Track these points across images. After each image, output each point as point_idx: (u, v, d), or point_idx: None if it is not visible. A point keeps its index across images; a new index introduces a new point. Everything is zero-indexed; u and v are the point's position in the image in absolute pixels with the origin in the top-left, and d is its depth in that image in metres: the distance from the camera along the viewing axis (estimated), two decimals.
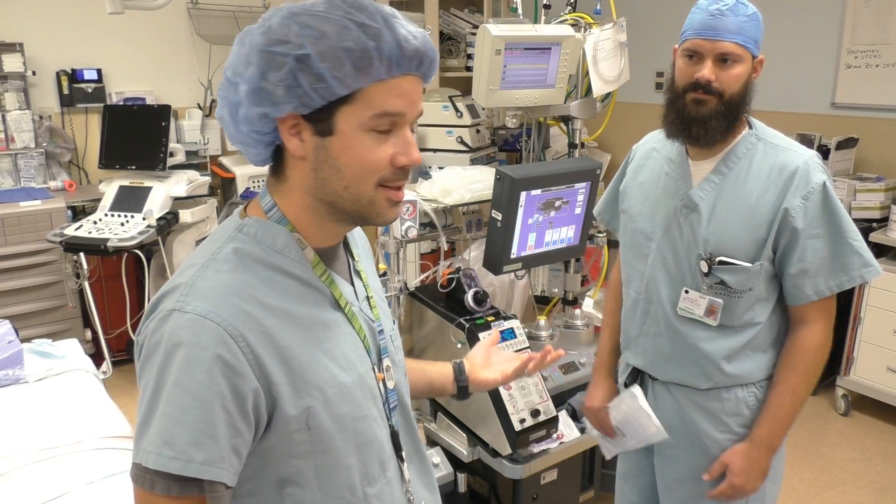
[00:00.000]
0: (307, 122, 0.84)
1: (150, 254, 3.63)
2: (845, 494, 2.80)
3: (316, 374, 0.86)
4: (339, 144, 0.84)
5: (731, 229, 1.44)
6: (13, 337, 2.33)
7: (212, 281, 0.84)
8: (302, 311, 0.88)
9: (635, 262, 1.61)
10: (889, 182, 3.38)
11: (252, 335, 0.82)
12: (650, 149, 1.64)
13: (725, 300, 1.45)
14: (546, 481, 2.23)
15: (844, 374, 3.35)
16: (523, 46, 2.21)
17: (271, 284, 0.87)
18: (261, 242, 0.88)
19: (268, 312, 0.84)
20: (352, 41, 0.80)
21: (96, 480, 1.75)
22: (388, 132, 0.85)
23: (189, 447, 0.79)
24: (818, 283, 1.43)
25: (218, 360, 0.79)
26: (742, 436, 1.51)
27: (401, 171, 0.87)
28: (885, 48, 3.53)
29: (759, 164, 1.44)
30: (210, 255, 0.87)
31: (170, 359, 0.80)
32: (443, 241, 2.25)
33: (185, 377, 0.79)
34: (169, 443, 0.78)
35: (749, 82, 1.42)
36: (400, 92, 0.84)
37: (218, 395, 0.79)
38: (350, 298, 0.95)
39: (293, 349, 0.85)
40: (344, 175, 0.85)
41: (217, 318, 0.81)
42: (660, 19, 4.47)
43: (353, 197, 0.86)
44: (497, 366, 1.23)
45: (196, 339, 0.80)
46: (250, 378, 0.81)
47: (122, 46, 4.08)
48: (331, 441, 0.88)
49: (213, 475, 0.80)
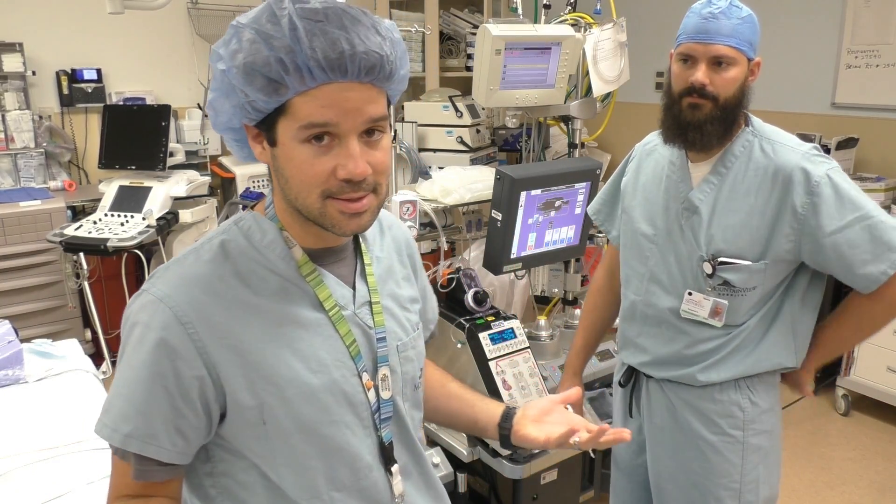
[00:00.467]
0: (260, 132, 0.86)
1: (150, 254, 3.63)
2: (845, 494, 2.80)
3: (275, 370, 0.86)
4: (282, 155, 0.84)
5: (733, 229, 1.43)
6: (13, 337, 2.33)
7: (185, 268, 0.88)
8: (275, 308, 0.88)
9: (635, 264, 1.61)
10: (889, 182, 3.38)
11: (204, 324, 0.84)
12: (651, 149, 1.63)
13: (730, 300, 1.44)
14: (546, 481, 2.23)
15: (844, 374, 3.34)
16: (523, 46, 2.21)
17: (250, 278, 0.88)
18: (250, 238, 0.90)
19: (232, 304, 0.86)
20: (256, 54, 0.79)
21: (96, 480, 1.75)
22: (330, 144, 0.82)
23: (118, 418, 0.85)
24: (869, 272, 1.36)
25: (162, 343, 0.83)
26: (734, 437, 1.51)
27: (348, 184, 0.83)
28: (885, 48, 3.53)
29: (757, 163, 1.43)
30: (200, 243, 0.91)
31: (128, 336, 0.87)
32: (443, 241, 2.25)
33: (133, 354, 0.85)
34: (107, 411, 0.86)
35: (745, 85, 1.40)
36: (325, 102, 0.80)
37: (158, 376, 0.83)
38: (342, 302, 0.93)
39: (251, 343, 0.86)
40: (291, 186, 0.85)
41: (171, 303, 0.84)
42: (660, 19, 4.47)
43: (303, 207, 0.85)
44: (549, 426, 1.05)
45: (148, 320, 0.84)
46: (196, 365, 0.84)
47: (122, 46, 4.08)
48: (288, 439, 0.88)
49: (136, 448, 0.84)
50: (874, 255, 1.36)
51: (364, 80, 0.81)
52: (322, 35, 0.79)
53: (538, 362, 2.17)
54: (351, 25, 0.80)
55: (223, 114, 0.87)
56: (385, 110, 0.86)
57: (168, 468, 0.87)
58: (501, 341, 2.09)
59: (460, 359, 2.11)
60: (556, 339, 2.49)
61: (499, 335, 2.09)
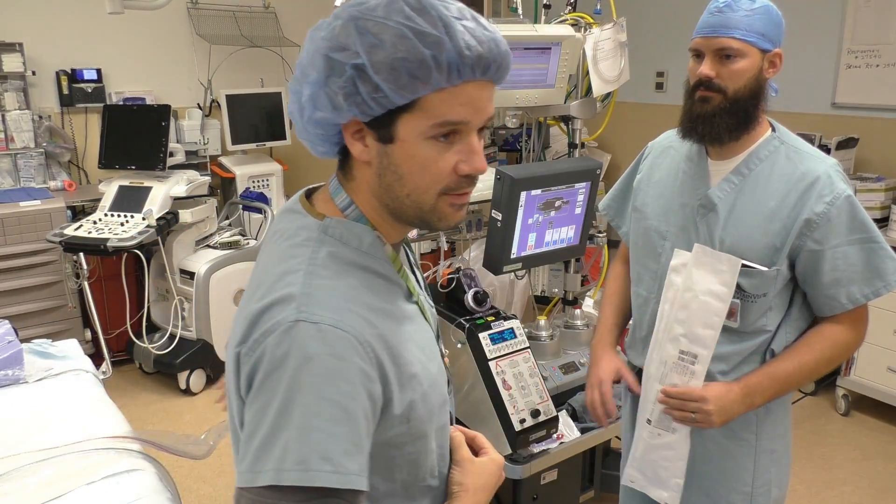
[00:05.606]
0: (369, 129, 0.83)
1: (149, 254, 3.63)
2: (845, 494, 2.80)
3: (414, 367, 0.87)
4: (400, 152, 0.82)
5: (749, 231, 1.41)
6: (13, 337, 2.33)
7: (325, 288, 0.82)
8: (393, 307, 0.88)
9: (647, 261, 1.59)
10: (889, 182, 3.38)
11: (374, 340, 0.81)
12: (667, 146, 1.61)
13: (740, 304, 1.43)
14: (546, 481, 2.23)
15: (844, 374, 3.35)
16: (523, 46, 2.21)
17: (368, 285, 0.86)
18: (348, 244, 0.87)
19: (374, 314, 0.84)
20: (407, 51, 0.76)
21: (96, 480, 1.75)
22: (452, 140, 0.82)
23: (344, 459, 0.75)
24: (852, 292, 1.39)
25: (359, 371, 0.78)
26: (747, 441, 1.50)
27: (465, 179, 0.84)
28: (885, 48, 3.53)
29: (782, 168, 1.42)
30: (307, 261, 0.84)
31: (303, 371, 0.76)
32: (443, 241, 2.25)
33: (330, 389, 0.76)
34: (326, 458, 0.74)
35: (758, 78, 1.40)
36: (463, 100, 0.80)
37: (361, 406, 0.78)
38: (416, 290, 0.96)
39: (398, 347, 0.85)
40: (405, 183, 0.83)
41: (346, 327, 0.79)
42: (660, 19, 4.47)
43: (414, 204, 0.85)
44: None
45: (333, 350, 0.77)
46: (378, 383, 0.81)
47: (122, 46, 4.08)
48: (423, 429, 0.88)
49: (362, 485, 0.78)
50: (863, 278, 1.39)
51: (495, 77, 0.82)
52: (469, 33, 0.78)
53: (538, 362, 2.17)
54: (486, 24, 0.80)
55: (324, 108, 0.82)
56: None
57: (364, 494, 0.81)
58: (501, 341, 2.09)
59: (460, 359, 2.11)
60: (556, 339, 2.49)
61: (499, 335, 2.09)
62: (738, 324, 1.44)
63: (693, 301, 1.45)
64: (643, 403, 1.56)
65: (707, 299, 1.43)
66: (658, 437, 1.53)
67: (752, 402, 1.43)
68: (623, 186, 1.74)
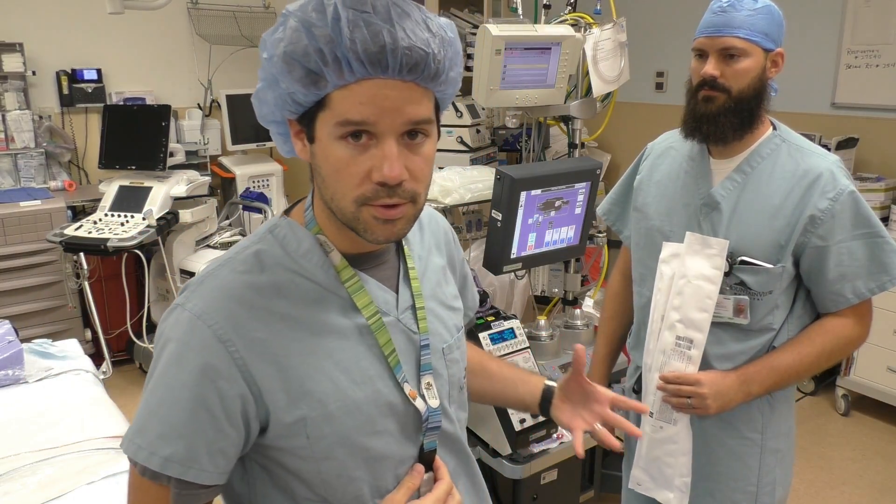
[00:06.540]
0: (300, 126, 0.82)
1: (150, 254, 3.63)
2: (845, 494, 2.80)
3: (318, 384, 0.83)
4: (320, 153, 0.80)
5: (753, 229, 1.42)
6: (13, 337, 2.33)
7: (221, 281, 0.83)
8: (314, 319, 0.84)
9: (649, 262, 1.58)
10: (889, 182, 3.38)
11: (244, 341, 0.80)
12: (668, 147, 1.61)
13: (748, 301, 1.43)
14: (546, 481, 2.23)
15: (844, 374, 3.35)
16: (523, 46, 2.21)
17: (288, 289, 0.84)
18: (286, 247, 0.86)
19: (271, 318, 0.82)
20: (296, 43, 0.76)
21: (96, 480, 1.75)
22: (367, 144, 0.77)
23: (156, 440, 0.79)
24: (857, 286, 1.40)
25: (204, 365, 0.79)
26: (753, 441, 1.49)
27: (382, 189, 0.77)
28: (885, 48, 3.53)
29: (784, 166, 1.42)
30: (234, 253, 0.87)
31: (162, 352, 0.82)
32: None
33: (169, 373, 0.80)
34: (140, 432, 0.80)
35: (762, 77, 1.40)
36: (363, 98, 0.75)
37: (201, 399, 0.79)
38: (385, 307, 0.89)
39: (292, 357, 0.82)
40: (328, 185, 0.81)
41: (209, 321, 0.80)
42: (660, 19, 4.47)
43: (339, 210, 0.81)
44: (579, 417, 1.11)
45: (186, 339, 0.80)
46: (238, 383, 0.80)
47: (122, 46, 4.08)
48: (331, 451, 0.85)
49: (176, 472, 0.79)
50: (868, 272, 1.39)
51: (406, 77, 0.76)
52: (365, 27, 0.74)
53: (538, 362, 2.17)
54: (398, 19, 0.75)
55: (267, 105, 0.83)
56: (429, 113, 0.80)
57: (209, 489, 0.83)
58: (501, 341, 2.09)
59: None
60: (556, 339, 2.49)
61: (499, 335, 2.09)
62: (749, 321, 1.43)
63: (686, 286, 1.46)
64: (645, 397, 1.56)
65: (699, 283, 1.44)
66: (660, 431, 1.53)
67: (749, 390, 1.42)
68: (622, 190, 1.73)
